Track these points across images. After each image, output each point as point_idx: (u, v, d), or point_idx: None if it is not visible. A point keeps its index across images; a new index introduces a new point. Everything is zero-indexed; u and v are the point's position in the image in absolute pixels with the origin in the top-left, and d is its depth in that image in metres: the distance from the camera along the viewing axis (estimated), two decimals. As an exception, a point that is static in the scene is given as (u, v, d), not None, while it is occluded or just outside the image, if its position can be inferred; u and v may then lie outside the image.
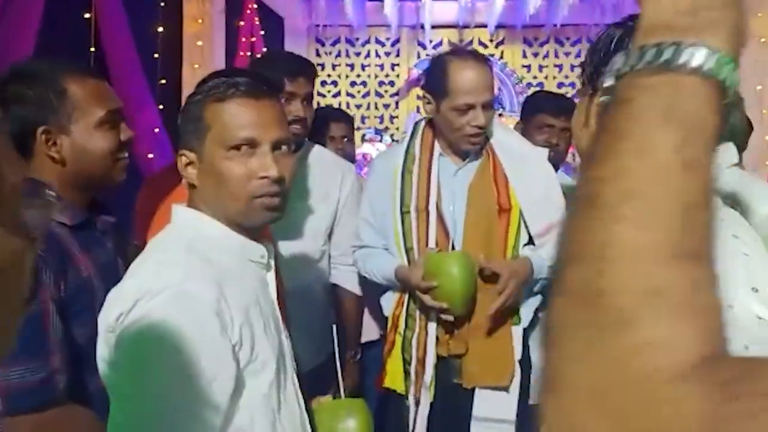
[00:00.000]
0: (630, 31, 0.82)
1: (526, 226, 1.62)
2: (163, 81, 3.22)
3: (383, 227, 1.71)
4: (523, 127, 2.05)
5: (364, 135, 5.03)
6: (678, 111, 0.34)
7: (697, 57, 0.35)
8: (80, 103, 1.10)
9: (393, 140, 4.97)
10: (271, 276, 1.03)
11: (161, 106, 3.16)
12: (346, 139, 2.35)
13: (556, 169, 1.93)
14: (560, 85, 5.02)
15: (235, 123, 0.95)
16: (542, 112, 1.99)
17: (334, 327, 1.31)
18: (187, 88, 3.54)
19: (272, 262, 1.03)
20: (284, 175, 0.96)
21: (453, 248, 1.60)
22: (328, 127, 2.28)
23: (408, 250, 1.64)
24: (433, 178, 1.63)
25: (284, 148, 0.99)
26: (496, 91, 1.62)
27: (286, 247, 1.62)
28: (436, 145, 1.66)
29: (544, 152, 1.72)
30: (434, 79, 1.63)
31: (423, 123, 1.73)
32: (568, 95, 5.02)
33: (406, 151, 1.69)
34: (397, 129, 5.13)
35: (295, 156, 1.16)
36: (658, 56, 0.35)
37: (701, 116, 0.35)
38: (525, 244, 1.62)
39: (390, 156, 1.76)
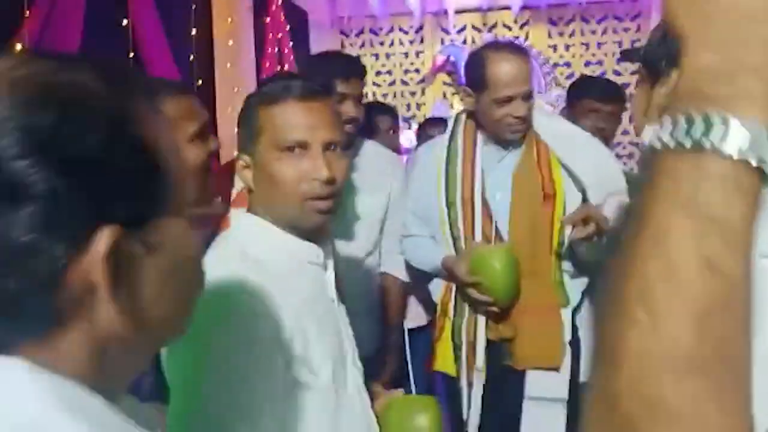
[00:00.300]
0: None
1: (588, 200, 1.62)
2: (200, 82, 3.30)
3: (429, 218, 1.76)
4: (569, 112, 2.07)
5: (392, 124, 5.08)
6: (701, 202, 0.32)
7: (730, 137, 0.32)
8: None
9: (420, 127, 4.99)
10: (329, 276, 1.02)
11: (199, 108, 3.23)
12: (392, 131, 2.40)
13: None
14: (587, 63, 4.98)
15: (286, 125, 0.96)
16: (588, 96, 2.02)
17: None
18: (222, 87, 3.63)
19: (330, 262, 1.03)
20: (336, 176, 0.96)
21: (499, 236, 1.64)
22: (374, 120, 2.34)
23: (455, 240, 1.68)
24: (477, 168, 1.66)
25: (338, 149, 0.99)
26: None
27: (343, 242, 1.66)
28: (479, 135, 1.70)
29: (588, 134, 1.74)
30: (473, 73, 1.66)
31: (465, 115, 1.76)
32: (596, 74, 4.99)
33: (449, 143, 1.73)
34: (424, 116, 5.15)
35: (348, 156, 1.17)
36: (688, 132, 0.32)
37: (728, 208, 0.32)
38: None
39: (433, 147, 1.80)
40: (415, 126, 4.97)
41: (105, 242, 0.39)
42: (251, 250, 0.94)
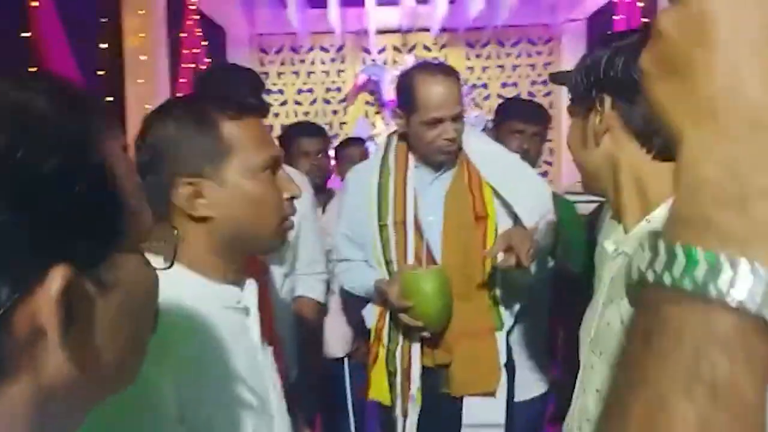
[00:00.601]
0: (619, 51, 0.83)
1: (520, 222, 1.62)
2: (110, 99, 3.11)
3: (362, 241, 1.72)
4: (496, 133, 2.09)
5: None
6: (706, 378, 0.26)
7: (740, 286, 0.26)
8: None
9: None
10: (251, 320, 0.91)
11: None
12: (320, 155, 2.32)
13: None
14: (504, 84, 5.16)
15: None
16: (513, 118, 2.04)
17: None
18: (132, 104, 3.43)
19: (251, 304, 0.91)
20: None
21: (432, 258, 1.61)
22: (299, 142, 2.28)
23: (387, 263, 1.65)
24: (409, 190, 1.63)
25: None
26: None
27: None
28: (411, 156, 1.67)
29: (516, 156, 1.76)
30: (403, 95, 1.64)
31: (396, 136, 1.74)
32: (512, 95, 5.17)
33: (381, 165, 1.69)
34: (346, 134, 5.14)
35: None
36: (688, 272, 0.27)
37: (739, 383, 0.26)
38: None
39: (365, 170, 1.75)
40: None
41: (57, 283, 0.34)
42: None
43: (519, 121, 2.01)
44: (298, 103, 5.16)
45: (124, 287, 0.39)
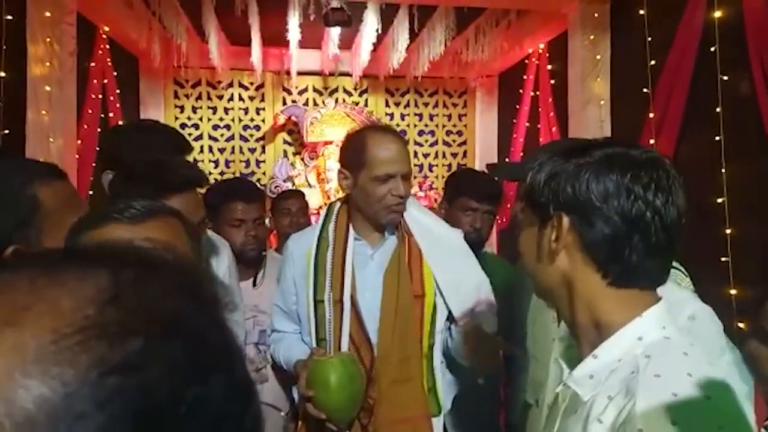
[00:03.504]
0: (581, 168, 0.80)
1: (448, 309, 1.62)
2: (6, 131, 2.84)
3: (295, 314, 1.66)
4: (447, 207, 2.05)
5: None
6: None
7: None
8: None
9: (260, 185, 4.85)
10: None
11: (3, 161, 2.77)
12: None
13: (479, 251, 1.96)
14: (421, 132, 5.28)
15: None
16: (464, 195, 1.99)
17: None
18: (33, 137, 3.17)
19: None
20: None
21: (367, 339, 1.55)
22: (230, 208, 2.09)
23: (320, 341, 1.58)
24: (347, 267, 1.58)
25: None
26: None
27: None
28: (351, 229, 1.63)
29: (460, 233, 1.73)
30: (352, 152, 1.59)
31: (338, 205, 1.69)
32: (429, 143, 5.30)
33: (320, 235, 1.64)
34: (264, 173, 5.03)
35: None
36: None
37: None
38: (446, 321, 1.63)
39: (303, 240, 1.69)
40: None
41: None
42: None
43: (470, 199, 1.97)
44: (213, 138, 4.99)
45: None
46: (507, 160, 4.55)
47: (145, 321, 0.32)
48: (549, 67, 4.29)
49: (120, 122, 4.05)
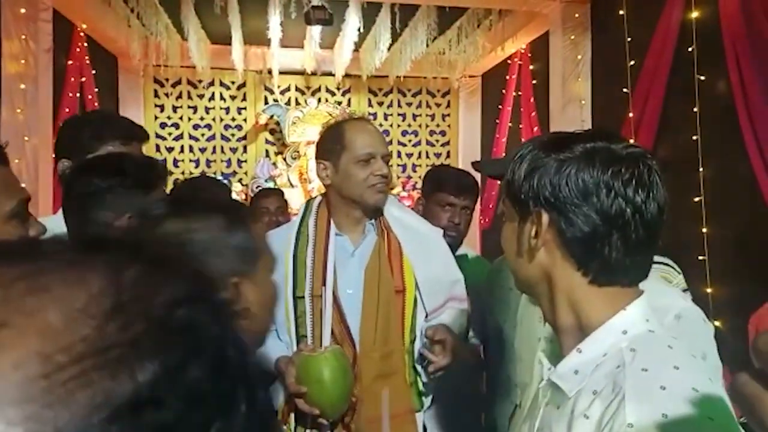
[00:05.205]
0: (563, 164, 0.78)
1: (424, 306, 1.62)
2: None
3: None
4: (424, 203, 2.04)
5: (210, 181, 4.81)
6: None
7: None
8: None
9: (242, 185, 4.81)
10: None
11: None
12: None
13: (457, 247, 1.96)
14: (404, 132, 5.28)
15: None
16: (442, 190, 1.98)
17: None
18: (8, 134, 3.10)
19: None
20: None
21: (349, 335, 1.55)
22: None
23: (300, 338, 1.57)
24: (329, 263, 1.57)
25: None
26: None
27: None
28: (332, 224, 1.62)
29: (439, 231, 1.73)
30: (329, 142, 1.60)
31: (317, 201, 1.68)
32: (412, 143, 5.30)
33: (299, 231, 1.62)
34: (246, 173, 4.99)
35: None
36: None
37: None
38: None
39: (281, 237, 1.64)
40: (237, 185, 4.78)
41: None
42: None
43: (448, 194, 1.96)
44: (194, 138, 4.95)
45: None
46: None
47: (156, 338, 0.25)
48: (531, 67, 4.32)
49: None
